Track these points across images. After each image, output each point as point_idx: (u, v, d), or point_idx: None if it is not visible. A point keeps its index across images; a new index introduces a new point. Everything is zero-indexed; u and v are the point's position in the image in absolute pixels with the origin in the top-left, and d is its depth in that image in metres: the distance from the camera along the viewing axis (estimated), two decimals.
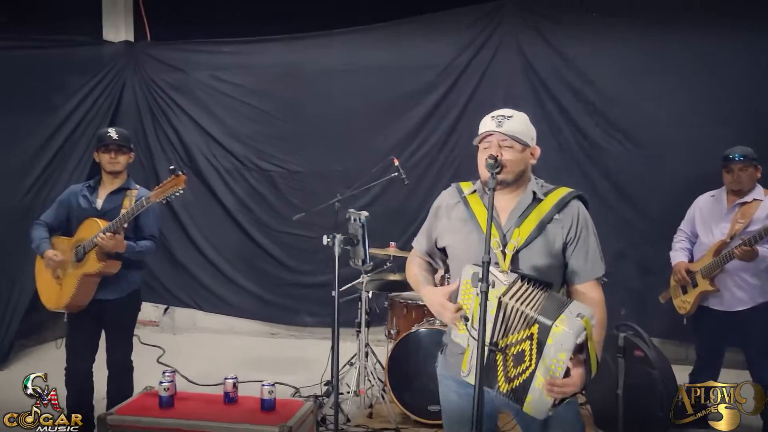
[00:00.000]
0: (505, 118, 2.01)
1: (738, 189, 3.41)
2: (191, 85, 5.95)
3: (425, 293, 2.10)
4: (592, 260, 2.01)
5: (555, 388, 1.75)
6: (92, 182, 3.39)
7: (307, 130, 5.74)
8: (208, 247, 6.02)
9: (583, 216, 2.02)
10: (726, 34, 4.66)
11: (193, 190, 5.99)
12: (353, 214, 2.10)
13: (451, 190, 2.20)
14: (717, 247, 3.42)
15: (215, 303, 6.04)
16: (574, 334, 1.71)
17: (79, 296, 3.20)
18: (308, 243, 5.77)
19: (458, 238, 2.09)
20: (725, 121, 4.60)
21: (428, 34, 5.36)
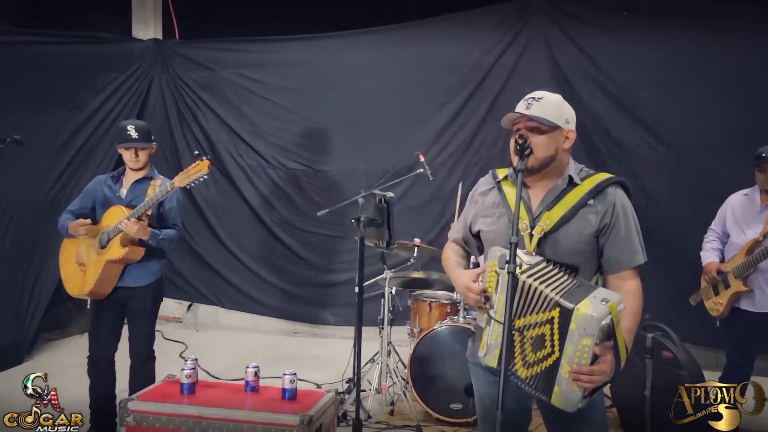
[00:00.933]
0: (534, 101, 1.96)
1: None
2: (218, 83, 5.99)
3: (454, 276, 2.07)
4: (629, 249, 1.94)
5: (582, 376, 1.69)
6: (116, 172, 3.43)
7: (332, 129, 5.75)
8: (232, 244, 6.04)
9: (620, 203, 1.95)
10: (756, 33, 4.56)
11: (218, 187, 6.05)
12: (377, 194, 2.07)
13: (487, 177, 2.18)
14: (749, 246, 3.33)
15: (238, 300, 6.07)
16: (597, 318, 1.65)
17: (102, 283, 3.22)
18: (331, 242, 5.79)
19: (489, 222, 2.06)
20: (755, 120, 4.49)
21: (455, 33, 5.33)
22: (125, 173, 3.40)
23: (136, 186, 3.35)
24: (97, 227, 3.30)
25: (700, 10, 4.68)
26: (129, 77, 5.85)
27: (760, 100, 4.55)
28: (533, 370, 1.79)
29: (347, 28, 5.62)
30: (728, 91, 4.63)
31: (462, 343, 3.71)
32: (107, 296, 3.30)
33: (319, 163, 5.80)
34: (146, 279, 3.37)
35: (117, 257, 3.20)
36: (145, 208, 3.11)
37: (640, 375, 3.43)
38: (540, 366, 1.77)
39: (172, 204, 3.40)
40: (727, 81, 4.65)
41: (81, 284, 3.28)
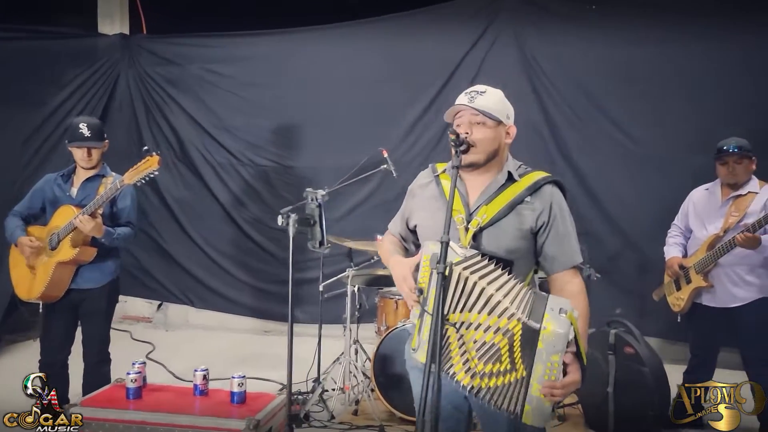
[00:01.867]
0: (478, 94, 1.95)
1: (733, 182, 3.30)
2: (186, 78, 5.89)
3: (392, 263, 1.99)
4: (569, 248, 1.93)
5: (555, 391, 1.65)
6: (66, 171, 3.33)
7: (301, 125, 5.68)
8: (202, 242, 5.96)
9: (557, 202, 1.94)
10: (724, 30, 4.55)
11: (186, 184, 5.96)
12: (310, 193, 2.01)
13: (426, 170, 2.15)
14: (710, 241, 3.31)
15: (208, 299, 5.98)
16: (565, 335, 1.63)
17: (53, 286, 3.14)
18: (302, 239, 5.68)
19: (426, 216, 2.03)
20: (721, 115, 4.48)
21: (425, 28, 5.27)
22: (76, 171, 3.31)
23: (87, 185, 3.27)
24: (46, 228, 3.22)
25: (670, 4, 4.65)
26: (94, 73, 5.74)
27: (727, 96, 4.55)
28: (487, 382, 1.73)
29: (316, 23, 5.54)
30: (696, 86, 4.62)
31: None
32: (59, 299, 3.21)
33: (288, 159, 5.73)
34: (100, 280, 3.28)
35: (68, 258, 3.11)
36: (97, 204, 3.03)
37: (603, 372, 3.41)
38: (497, 380, 1.71)
39: (126, 202, 3.31)
40: (696, 76, 4.64)
41: (30, 288, 3.20)
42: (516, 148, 2.05)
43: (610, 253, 4.90)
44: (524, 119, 5.01)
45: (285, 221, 1.93)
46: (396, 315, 4.10)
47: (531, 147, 4.96)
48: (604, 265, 4.74)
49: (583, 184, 4.94)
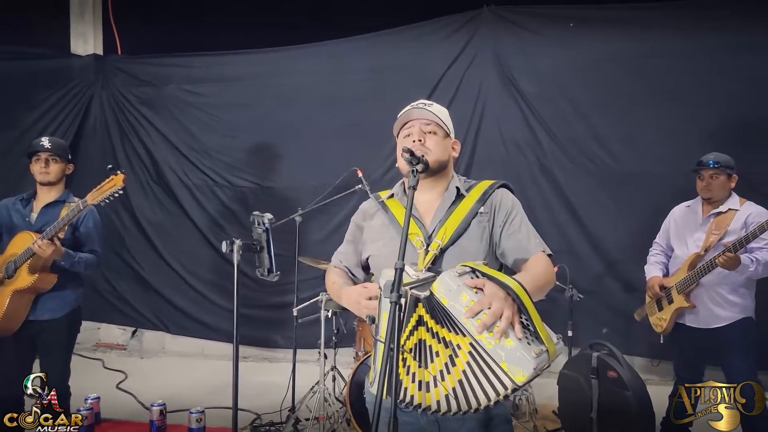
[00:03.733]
0: (426, 105, 1.93)
1: (708, 197, 3.23)
2: (162, 99, 5.80)
3: (344, 293, 1.88)
4: (528, 236, 1.86)
5: (484, 319, 1.48)
6: (26, 195, 3.20)
7: (280, 144, 5.59)
8: (179, 266, 5.82)
9: (507, 202, 1.90)
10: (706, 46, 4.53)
11: (162, 207, 5.83)
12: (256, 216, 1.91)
13: (369, 202, 2.09)
14: (691, 260, 3.22)
15: (184, 325, 5.82)
16: (450, 273, 1.53)
17: (9, 317, 2.99)
18: (281, 261, 5.56)
19: (380, 246, 1.94)
20: (705, 132, 4.42)
21: (405, 46, 5.22)
22: (36, 196, 3.19)
23: (48, 210, 3.14)
24: (2, 256, 3.08)
25: (647, 20, 4.63)
26: (66, 94, 5.64)
27: (711, 111, 4.49)
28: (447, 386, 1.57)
29: (295, 42, 5.48)
30: (678, 102, 4.56)
31: None
32: (16, 332, 3.06)
33: (267, 179, 5.62)
34: (60, 310, 3.14)
35: (25, 286, 2.98)
36: (57, 228, 2.90)
37: (586, 396, 3.29)
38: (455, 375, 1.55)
39: (88, 226, 3.18)
40: (678, 92, 4.59)
41: None
42: (497, 164, 1.98)
43: (594, 272, 4.82)
44: (506, 136, 4.99)
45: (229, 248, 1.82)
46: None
47: (513, 164, 4.91)
48: (588, 284, 4.66)
49: (565, 201, 4.86)
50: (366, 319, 1.69)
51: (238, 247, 1.83)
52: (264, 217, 1.96)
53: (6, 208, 3.16)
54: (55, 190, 3.18)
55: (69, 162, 3.25)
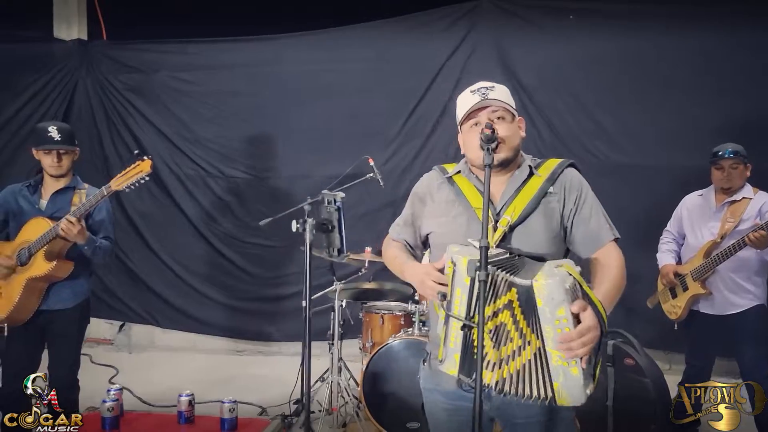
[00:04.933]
0: (487, 89, 1.85)
1: (728, 187, 3.27)
2: (151, 86, 5.63)
3: (408, 268, 1.85)
4: (596, 226, 1.82)
5: (572, 343, 1.46)
6: (33, 181, 3.05)
7: (276, 134, 5.48)
8: (169, 258, 5.67)
9: (578, 182, 1.86)
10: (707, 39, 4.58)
11: (152, 198, 5.68)
12: (327, 195, 1.83)
13: (432, 173, 2.02)
14: (707, 248, 3.26)
15: (175, 318, 5.68)
16: (560, 281, 1.47)
17: (23, 305, 2.86)
18: (277, 253, 5.50)
19: (444, 222, 1.89)
20: (709, 121, 4.48)
21: (405, 36, 5.17)
22: (44, 182, 3.04)
23: (58, 197, 3.01)
24: (12, 243, 2.93)
25: (648, 14, 4.67)
26: (51, 80, 5.45)
27: (716, 102, 4.55)
28: (507, 370, 1.57)
29: (292, 30, 5.37)
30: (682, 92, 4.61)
31: (418, 357, 3.49)
32: (26, 321, 2.93)
33: (263, 170, 5.52)
34: (72, 300, 3.03)
35: (42, 273, 2.86)
36: (83, 210, 2.80)
37: (601, 385, 3.31)
38: (516, 363, 1.55)
39: (102, 215, 3.08)
40: (680, 82, 4.64)
41: None
42: None
43: None
44: None
45: (301, 227, 1.74)
46: (382, 330, 3.94)
47: None
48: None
49: None
50: (437, 297, 1.65)
51: (311, 226, 1.75)
52: (336, 196, 1.88)
53: (13, 195, 3.01)
54: (64, 178, 3.05)
55: (76, 147, 3.12)
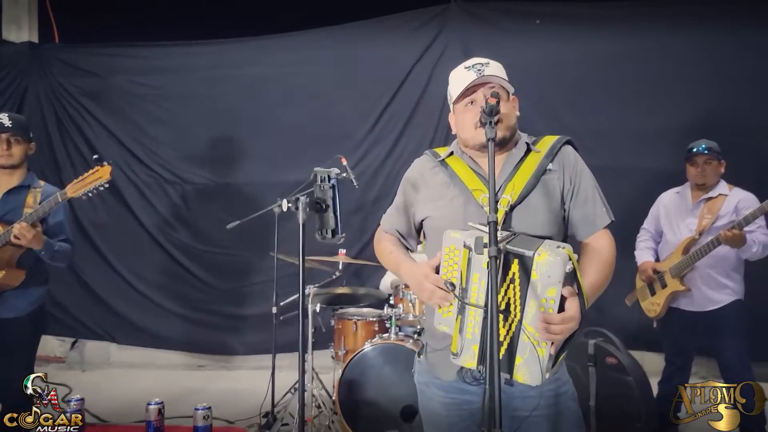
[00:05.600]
0: (483, 66, 1.79)
1: (702, 183, 3.28)
2: (107, 90, 5.40)
3: (405, 269, 1.79)
4: (592, 209, 1.78)
5: (553, 326, 1.44)
6: None
7: (239, 139, 5.31)
8: (125, 270, 5.39)
9: (574, 163, 1.81)
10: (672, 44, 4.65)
11: (107, 207, 5.41)
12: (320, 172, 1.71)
13: (424, 158, 1.94)
14: (686, 244, 3.26)
15: (132, 333, 5.38)
16: (561, 262, 1.43)
17: None
18: (239, 262, 5.29)
19: (440, 206, 1.80)
20: (679, 122, 4.52)
21: (373, 39, 5.10)
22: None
23: (10, 197, 2.81)
24: None
25: (614, 18, 4.74)
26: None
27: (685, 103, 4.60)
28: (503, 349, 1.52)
29: (259, 33, 5.22)
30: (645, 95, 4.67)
31: (395, 363, 3.40)
32: None
33: (225, 176, 5.33)
34: (25, 308, 2.83)
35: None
36: (37, 216, 2.64)
37: (583, 385, 3.25)
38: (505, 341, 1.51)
39: (59, 218, 2.90)
40: (645, 85, 4.69)
41: None
42: None
43: None
44: None
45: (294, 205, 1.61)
46: (356, 337, 3.80)
47: None
48: None
49: None
50: (446, 286, 1.55)
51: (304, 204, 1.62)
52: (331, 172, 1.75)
53: None
54: (17, 174, 2.86)
55: (31, 141, 2.93)
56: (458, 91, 1.78)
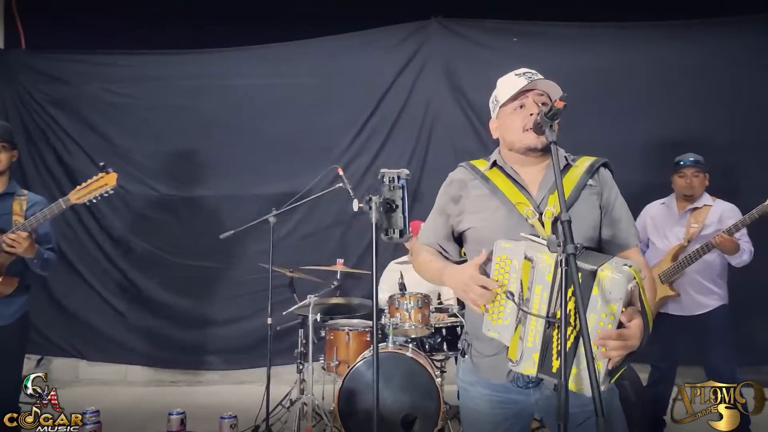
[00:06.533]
0: (533, 74, 1.91)
1: (690, 194, 3.46)
2: (77, 99, 5.24)
3: (449, 273, 1.79)
4: (628, 228, 1.86)
5: (609, 342, 1.48)
6: None
7: (219, 152, 5.22)
8: (96, 283, 5.21)
9: (612, 185, 1.89)
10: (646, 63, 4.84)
11: (77, 219, 5.22)
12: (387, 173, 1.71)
13: (462, 171, 1.98)
14: (675, 251, 3.41)
15: (103, 350, 5.18)
16: (624, 280, 1.48)
17: None
18: (214, 275, 5.18)
19: (482, 217, 1.84)
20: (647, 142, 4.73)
21: (355, 52, 5.12)
22: None
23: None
24: None
25: (589, 37, 4.93)
26: None
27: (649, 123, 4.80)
28: None
29: (240, 44, 5.16)
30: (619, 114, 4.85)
31: (396, 371, 3.39)
32: None
33: (201, 188, 5.22)
34: (13, 315, 2.78)
35: None
36: (38, 221, 2.61)
37: None
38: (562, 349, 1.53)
39: (47, 227, 2.85)
40: (617, 104, 4.88)
41: None
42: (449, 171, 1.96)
43: None
44: (457, 145, 5.05)
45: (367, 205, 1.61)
46: (348, 348, 3.80)
47: None
48: None
49: None
50: (507, 296, 1.59)
51: (377, 204, 1.61)
52: (401, 173, 1.76)
53: None
54: (1, 182, 2.77)
55: (15, 148, 2.87)
56: (509, 95, 1.84)
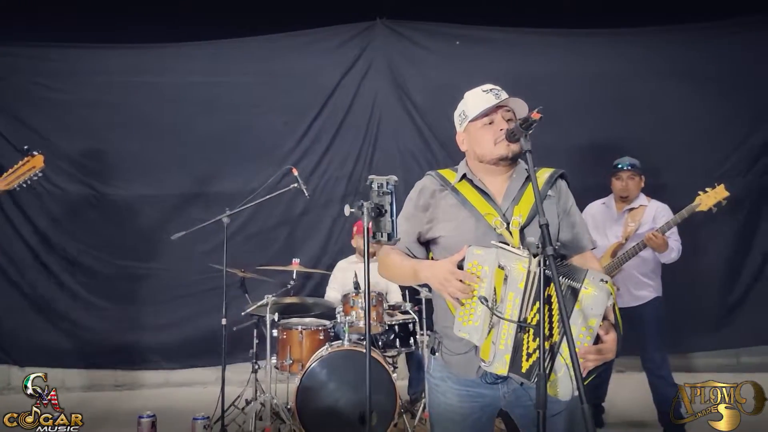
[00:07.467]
0: (498, 91, 2.00)
1: (626, 195, 3.72)
2: (3, 91, 4.95)
3: (425, 268, 1.86)
4: (583, 231, 1.99)
5: (590, 356, 1.65)
6: None
7: (156, 149, 5.08)
8: (25, 284, 4.99)
9: (569, 194, 2.01)
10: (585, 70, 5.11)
11: (7, 219, 4.95)
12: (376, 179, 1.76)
13: (429, 179, 2.05)
14: (613, 248, 3.66)
15: (36, 353, 4.94)
16: (603, 298, 1.63)
17: None
18: (153, 274, 5.05)
19: (452, 226, 1.93)
20: (585, 148, 4.99)
21: (299, 51, 5.13)
22: None
23: None
24: None
25: (529, 43, 5.15)
26: None
27: (586, 129, 5.07)
28: (530, 360, 1.69)
29: (176, 40, 5.04)
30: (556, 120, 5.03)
31: (354, 368, 3.46)
32: None
33: (141, 187, 5.08)
34: None
35: None
36: None
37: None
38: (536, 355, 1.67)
39: None
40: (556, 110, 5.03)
41: None
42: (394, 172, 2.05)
43: None
44: (402, 146, 5.15)
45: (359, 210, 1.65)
46: (301, 347, 3.84)
47: (408, 172, 4.99)
48: None
49: None
50: (481, 301, 1.69)
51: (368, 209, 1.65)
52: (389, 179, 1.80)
53: None
54: None
55: None
56: (479, 110, 1.95)
